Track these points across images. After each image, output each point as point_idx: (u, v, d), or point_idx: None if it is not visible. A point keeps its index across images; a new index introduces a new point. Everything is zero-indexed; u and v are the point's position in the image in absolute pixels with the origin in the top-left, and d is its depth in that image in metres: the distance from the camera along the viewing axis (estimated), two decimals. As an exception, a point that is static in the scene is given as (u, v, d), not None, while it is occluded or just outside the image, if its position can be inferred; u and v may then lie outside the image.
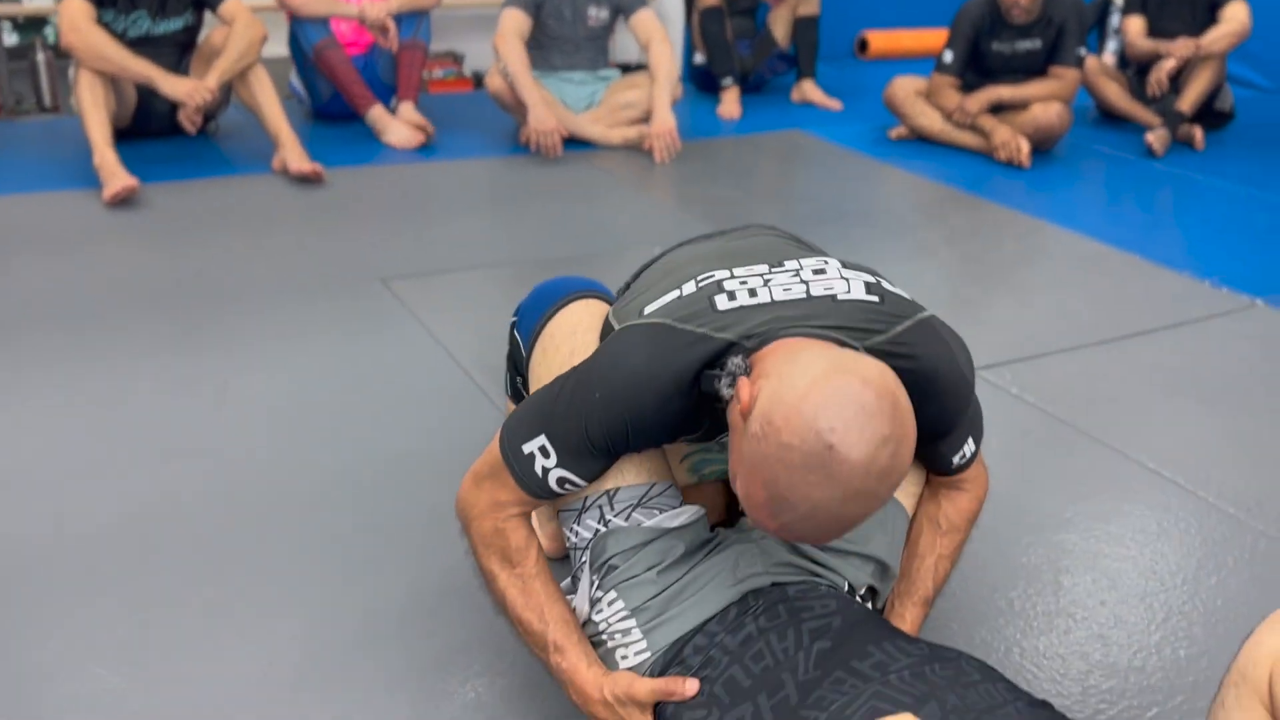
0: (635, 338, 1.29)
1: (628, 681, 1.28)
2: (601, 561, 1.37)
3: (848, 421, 1.06)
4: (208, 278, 2.87)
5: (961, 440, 1.44)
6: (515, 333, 1.70)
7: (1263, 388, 2.56)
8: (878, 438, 1.07)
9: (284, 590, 1.71)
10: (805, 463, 1.06)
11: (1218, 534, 2.00)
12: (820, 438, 1.06)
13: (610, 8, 4.27)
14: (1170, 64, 4.64)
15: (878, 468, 1.07)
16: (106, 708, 1.47)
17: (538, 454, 1.29)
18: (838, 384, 1.08)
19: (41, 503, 1.90)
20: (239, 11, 3.73)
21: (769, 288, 1.31)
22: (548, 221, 3.48)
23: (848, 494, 1.07)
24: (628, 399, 1.25)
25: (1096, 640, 1.71)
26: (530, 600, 1.35)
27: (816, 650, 1.23)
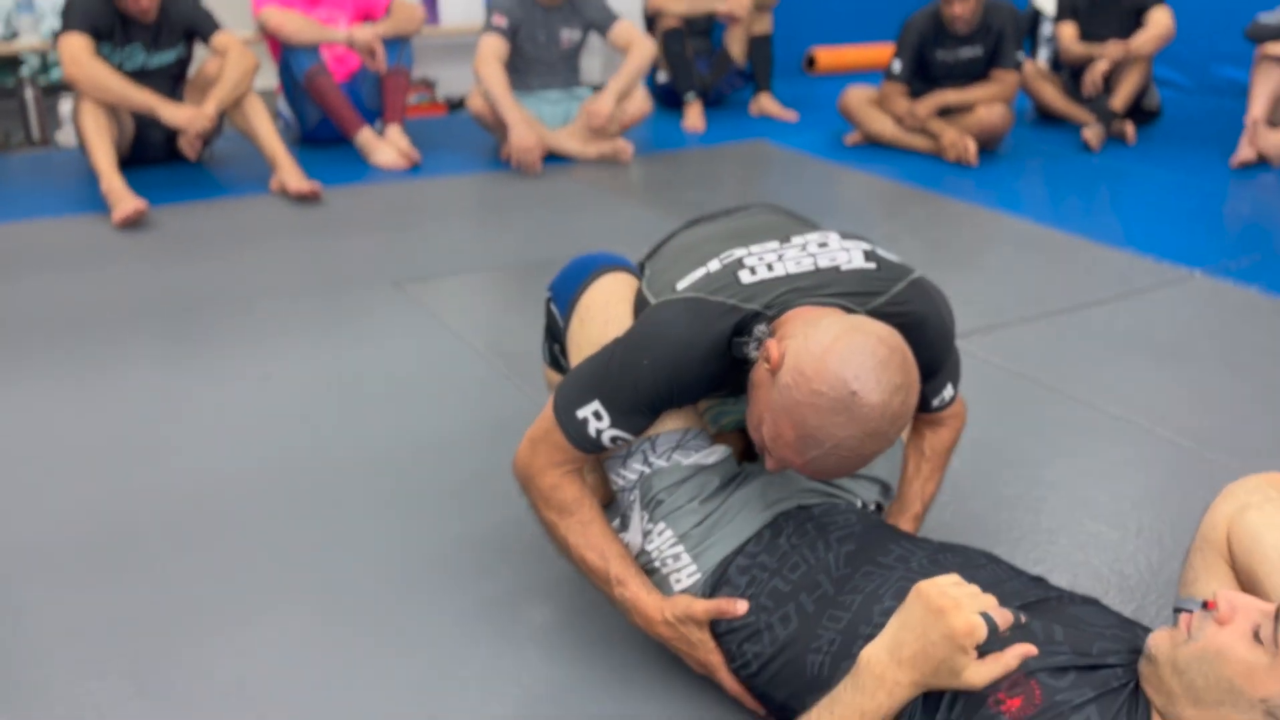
0: (676, 310, 1.49)
1: (686, 603, 1.48)
2: (650, 497, 1.56)
3: (868, 371, 1.25)
4: (231, 286, 3.05)
5: (942, 384, 1.67)
6: (552, 306, 1.85)
7: (1205, 343, 2.84)
8: (892, 385, 1.26)
9: (361, 545, 1.91)
10: (833, 406, 1.26)
11: (1176, 463, 2.26)
12: (846, 384, 1.25)
13: (582, 27, 4.52)
14: (1103, 65, 4.99)
15: (892, 411, 1.27)
16: (220, 629, 1.65)
17: (591, 418, 1.48)
18: (857, 341, 1.28)
19: (134, 471, 2.08)
20: (231, 43, 3.92)
21: (783, 262, 1.52)
22: (534, 229, 3.69)
23: (866, 433, 1.27)
24: (673, 362, 1.45)
25: (1078, 551, 1.95)
26: (590, 542, 1.54)
27: (844, 552, 1.44)
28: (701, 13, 5.30)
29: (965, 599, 1.14)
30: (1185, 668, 1.10)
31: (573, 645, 1.67)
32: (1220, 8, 6.16)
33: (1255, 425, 2.41)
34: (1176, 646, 1.12)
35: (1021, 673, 1.15)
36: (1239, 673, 1.06)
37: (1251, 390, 2.58)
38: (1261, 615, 1.08)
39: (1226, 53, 6.15)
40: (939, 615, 1.13)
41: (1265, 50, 4.69)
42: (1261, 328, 2.94)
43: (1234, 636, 1.08)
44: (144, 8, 3.73)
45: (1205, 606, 1.12)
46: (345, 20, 4.43)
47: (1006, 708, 1.12)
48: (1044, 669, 1.16)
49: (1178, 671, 1.11)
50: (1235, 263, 3.43)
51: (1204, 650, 1.09)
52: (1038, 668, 1.16)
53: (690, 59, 5.32)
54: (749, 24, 5.36)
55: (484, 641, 1.67)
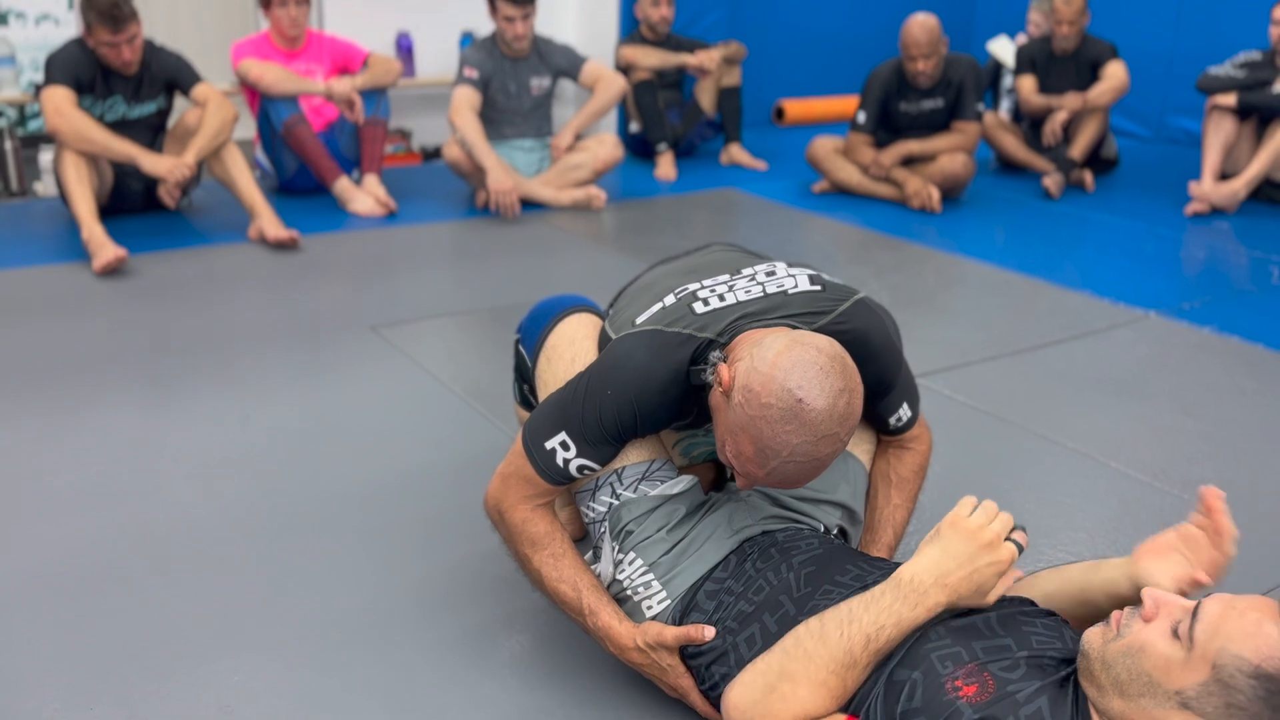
0: (635, 342, 1.58)
1: (657, 630, 1.54)
2: (619, 528, 1.63)
3: (810, 380, 1.35)
4: (210, 331, 3.10)
5: (897, 404, 1.75)
6: (519, 347, 1.93)
7: (1159, 381, 2.94)
8: (835, 389, 1.36)
9: (341, 578, 1.95)
10: (782, 416, 1.35)
11: (1131, 495, 2.34)
12: (791, 394, 1.34)
13: (551, 75, 4.65)
14: (1062, 116, 5.16)
15: (838, 413, 1.36)
16: (202, 658, 1.69)
17: (559, 448, 1.56)
18: (797, 353, 1.37)
19: (118, 511, 2.11)
20: (211, 94, 4.00)
21: (734, 292, 1.62)
22: (510, 273, 3.77)
23: (817, 436, 1.36)
24: (635, 392, 1.53)
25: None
26: (562, 575, 1.60)
27: (805, 574, 1.51)
28: (673, 66, 5.45)
29: (998, 528, 1.33)
30: (1112, 662, 1.17)
31: (548, 673, 1.71)
32: (1174, 61, 6.39)
33: (1207, 460, 2.50)
34: (1106, 642, 1.19)
35: (976, 664, 1.23)
36: (1157, 666, 1.14)
37: (1203, 426, 2.67)
38: (1182, 612, 1.16)
39: (1180, 104, 6.36)
40: (987, 549, 1.31)
41: (1215, 101, 4.87)
42: (1214, 366, 3.05)
43: (1156, 633, 1.16)
44: (126, 60, 3.81)
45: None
46: (323, 73, 4.52)
47: (964, 694, 1.19)
48: (995, 662, 1.23)
49: (1105, 665, 1.18)
50: (1189, 304, 3.55)
51: (1129, 645, 1.17)
52: (989, 660, 1.23)
53: (662, 110, 5.45)
54: (719, 77, 5.51)
55: (462, 670, 1.72)
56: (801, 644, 1.32)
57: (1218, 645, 1.11)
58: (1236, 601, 1.14)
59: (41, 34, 5.17)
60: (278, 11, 4.39)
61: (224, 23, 5.90)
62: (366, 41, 4.84)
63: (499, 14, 4.43)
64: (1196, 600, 1.17)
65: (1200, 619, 1.13)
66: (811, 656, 1.30)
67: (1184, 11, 6.42)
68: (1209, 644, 1.11)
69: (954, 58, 4.79)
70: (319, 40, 4.60)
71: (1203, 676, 1.11)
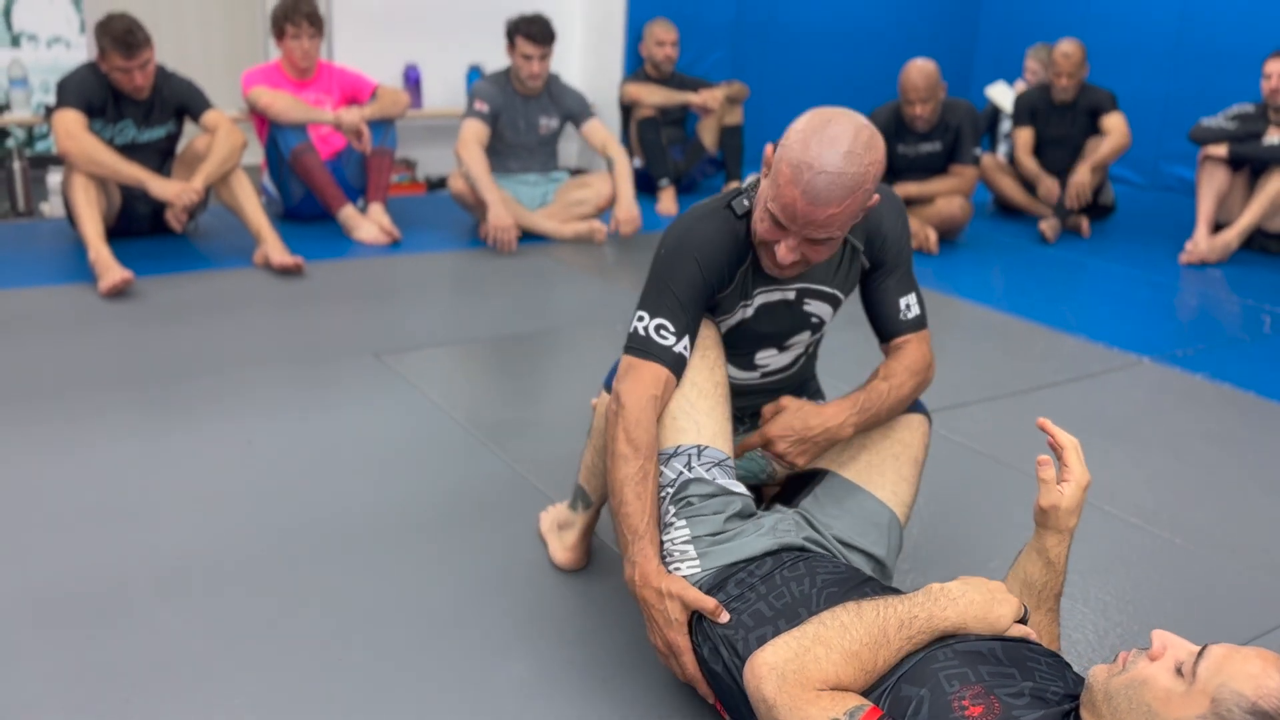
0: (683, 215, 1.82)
1: (682, 584, 1.61)
2: (683, 496, 1.70)
3: (836, 113, 1.61)
4: (215, 355, 3.13)
5: (907, 286, 1.92)
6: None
7: (1153, 426, 2.98)
8: (857, 122, 1.59)
9: (342, 604, 1.97)
10: (813, 134, 1.58)
11: (1122, 539, 2.37)
12: (821, 117, 1.60)
13: (560, 117, 4.71)
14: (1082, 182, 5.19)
15: (861, 140, 1.59)
16: (212, 679, 1.71)
17: (637, 323, 1.76)
18: (824, 108, 1.63)
19: (120, 533, 2.13)
20: (221, 120, 4.05)
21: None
22: (511, 304, 3.81)
23: (843, 153, 1.57)
24: (694, 236, 1.76)
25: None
26: (642, 491, 1.67)
27: (826, 594, 1.56)
28: (676, 104, 5.52)
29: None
30: (1114, 694, 1.22)
31: (547, 702, 1.73)
32: (1169, 110, 6.48)
33: (1198, 504, 2.53)
34: (1111, 676, 1.24)
35: (983, 686, 1.27)
36: (1158, 698, 1.19)
37: (1195, 471, 2.71)
38: (1187, 653, 1.21)
39: (1175, 152, 6.45)
40: (1006, 601, 1.44)
41: (1208, 152, 4.94)
42: (1206, 412, 3.09)
43: (1160, 669, 1.21)
44: (138, 85, 3.86)
45: None
46: (332, 104, 4.58)
47: (970, 714, 1.23)
48: (1001, 687, 1.28)
49: (1108, 697, 1.23)
50: (1183, 351, 3.60)
51: (1132, 679, 1.22)
52: (995, 685, 1.27)
53: (664, 147, 5.52)
54: (721, 115, 5.59)
55: (461, 699, 1.73)
56: (838, 617, 1.40)
57: (1219, 681, 1.16)
58: (1240, 649, 1.20)
59: (53, 56, 5.24)
60: (290, 43, 4.46)
61: (233, 49, 5.97)
62: (375, 73, 4.91)
63: (517, 51, 4.49)
64: (1204, 645, 1.22)
65: (1205, 658, 1.19)
66: (847, 628, 1.37)
67: (1179, 61, 6.54)
68: (1211, 680, 1.17)
69: (952, 102, 4.87)
70: (329, 71, 4.67)
71: (1201, 710, 1.16)
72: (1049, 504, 1.56)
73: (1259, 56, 4.99)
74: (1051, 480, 1.56)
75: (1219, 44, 6.31)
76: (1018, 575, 1.62)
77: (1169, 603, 2.13)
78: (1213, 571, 2.25)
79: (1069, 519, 1.56)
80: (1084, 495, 1.58)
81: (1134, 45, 6.68)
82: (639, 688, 1.76)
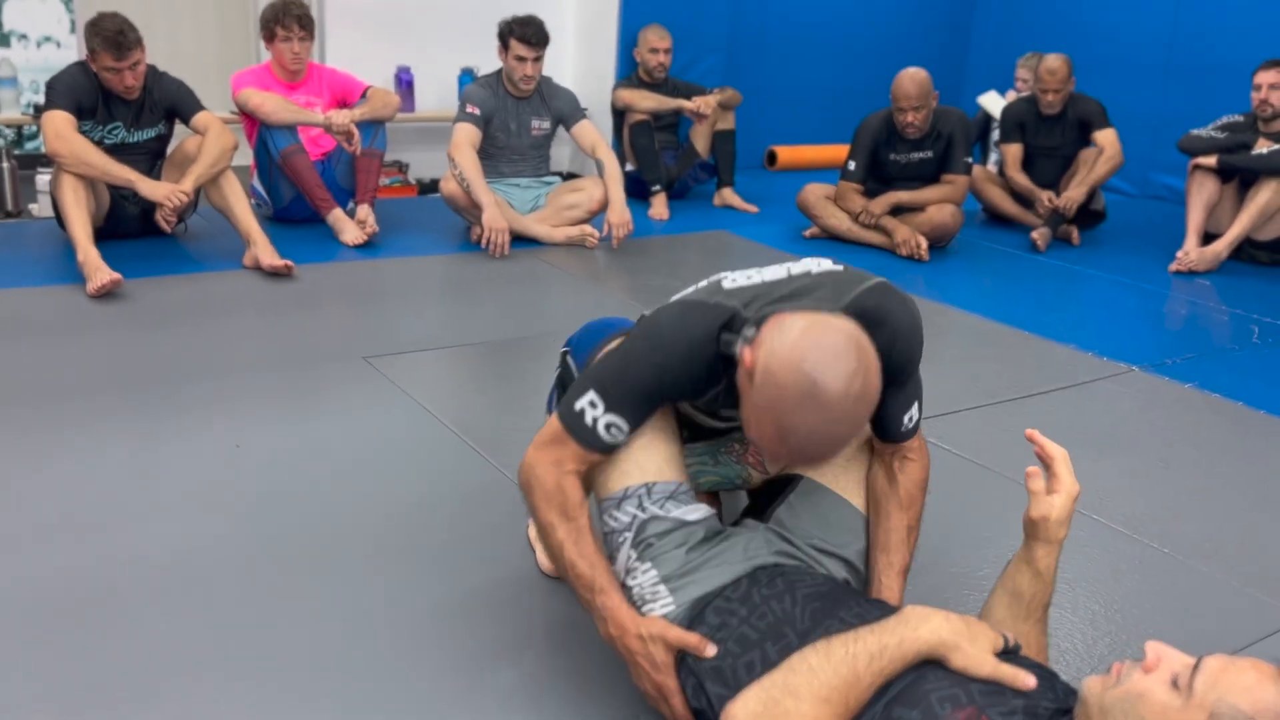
0: (666, 309, 1.67)
1: (661, 625, 1.57)
2: (641, 539, 1.66)
3: (825, 363, 1.40)
4: (204, 358, 3.11)
5: (912, 399, 1.78)
6: (569, 359, 1.99)
7: (1142, 435, 2.98)
8: (849, 370, 1.40)
9: (331, 610, 1.96)
10: (798, 398, 1.40)
11: (1112, 547, 2.37)
12: (807, 376, 1.39)
13: (552, 119, 4.71)
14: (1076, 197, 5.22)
15: (854, 394, 1.41)
16: (189, 688, 1.70)
17: (588, 408, 1.60)
18: (814, 336, 1.42)
19: (108, 537, 2.12)
20: (211, 122, 4.03)
21: (761, 274, 1.68)
22: (502, 308, 3.81)
23: (833, 416, 1.41)
24: (665, 347, 1.60)
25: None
26: (583, 550, 1.63)
27: (810, 609, 1.54)
28: (669, 109, 5.52)
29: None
30: (1110, 708, 1.21)
31: (538, 708, 1.72)
32: (1159, 120, 6.51)
33: (1187, 514, 2.54)
34: (1105, 690, 1.23)
35: (974, 707, 1.26)
36: (1154, 712, 1.18)
37: (1184, 480, 2.71)
38: (1182, 666, 1.20)
39: (1166, 162, 6.48)
40: (983, 634, 1.37)
41: (1197, 162, 4.96)
42: (1195, 422, 3.09)
43: (1155, 682, 1.20)
44: (129, 86, 3.84)
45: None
46: (323, 106, 4.57)
47: None
48: (993, 706, 1.27)
49: (1103, 711, 1.22)
50: (1172, 360, 3.61)
51: (1128, 693, 1.21)
52: (986, 705, 1.26)
53: (657, 152, 5.52)
54: (714, 121, 5.59)
55: (450, 704, 1.73)
56: (806, 659, 1.35)
57: (1215, 695, 1.15)
58: (1237, 660, 1.19)
59: (43, 56, 5.22)
60: (281, 45, 4.44)
61: (225, 50, 5.97)
62: (367, 75, 4.89)
63: (510, 53, 4.49)
64: (1199, 657, 1.21)
65: (1201, 671, 1.18)
66: (815, 671, 1.33)
67: (1170, 72, 6.57)
68: (1207, 694, 1.15)
69: (944, 110, 4.88)
70: (319, 73, 4.66)
71: None
72: (1039, 515, 1.55)
73: (1249, 67, 5.01)
74: (1041, 491, 1.56)
75: (1210, 55, 6.34)
76: (1006, 586, 1.61)
77: (1158, 612, 2.13)
78: (1202, 581, 2.25)
79: (1059, 530, 1.55)
80: (1074, 506, 1.57)
81: (1125, 56, 6.70)
82: (625, 697, 1.75)
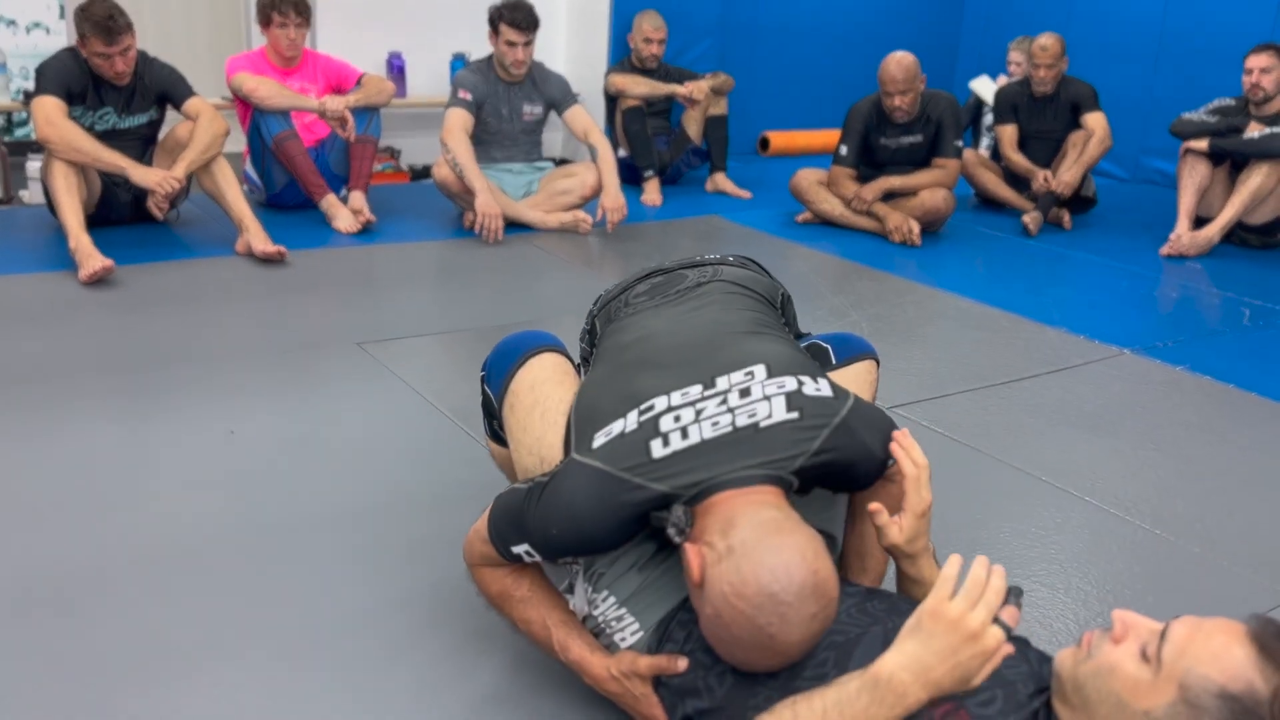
0: (582, 482, 1.50)
1: (630, 659, 1.55)
2: (592, 571, 1.65)
3: (782, 616, 1.30)
4: (196, 344, 3.11)
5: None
6: (485, 386, 1.93)
7: (1132, 417, 3.00)
8: (806, 617, 1.31)
9: (322, 596, 1.97)
10: (755, 646, 1.33)
11: (1103, 528, 2.39)
12: (762, 630, 1.31)
13: (544, 104, 4.70)
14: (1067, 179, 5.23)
15: (811, 634, 1.33)
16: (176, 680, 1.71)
17: (524, 555, 1.56)
18: (768, 574, 1.30)
19: (100, 523, 2.12)
20: (203, 108, 4.02)
21: (699, 424, 1.51)
22: (495, 294, 3.81)
23: (791, 655, 1.35)
24: (580, 536, 1.51)
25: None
26: (531, 616, 1.64)
27: None
28: (661, 95, 5.52)
29: (984, 615, 1.24)
30: (1083, 683, 1.21)
31: (529, 692, 1.74)
32: (1150, 104, 6.52)
33: (1177, 495, 2.55)
34: (1077, 664, 1.22)
35: (953, 703, 1.25)
36: (1126, 687, 1.17)
37: (1174, 462, 2.73)
38: (1150, 634, 1.19)
39: (1157, 146, 6.49)
40: (971, 639, 1.23)
41: (1189, 146, 4.97)
42: (1185, 404, 3.11)
43: (1125, 654, 1.19)
44: (119, 71, 3.83)
45: None
46: (317, 92, 4.55)
47: None
48: (972, 697, 1.26)
49: (1077, 687, 1.21)
50: (1163, 343, 3.62)
51: (1098, 666, 1.20)
52: (965, 696, 1.25)
53: (649, 137, 5.51)
54: (706, 106, 5.58)
55: (441, 688, 1.74)
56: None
57: (1184, 666, 1.14)
58: (1204, 624, 1.17)
59: (32, 42, 5.19)
60: (276, 32, 4.43)
61: (216, 35, 5.94)
62: (358, 61, 4.88)
63: (501, 38, 4.48)
64: (1165, 623, 1.20)
65: (1168, 640, 1.16)
66: None
67: (1161, 56, 6.57)
68: (1176, 664, 1.14)
69: (933, 95, 4.88)
70: (314, 59, 4.64)
71: (1170, 697, 1.14)
72: (888, 544, 1.56)
73: (1241, 51, 5.01)
74: (885, 524, 1.54)
75: (1201, 38, 6.34)
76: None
77: (1148, 593, 2.14)
78: (1192, 562, 2.27)
79: (914, 547, 1.55)
80: (925, 521, 1.56)
81: (1117, 39, 6.71)
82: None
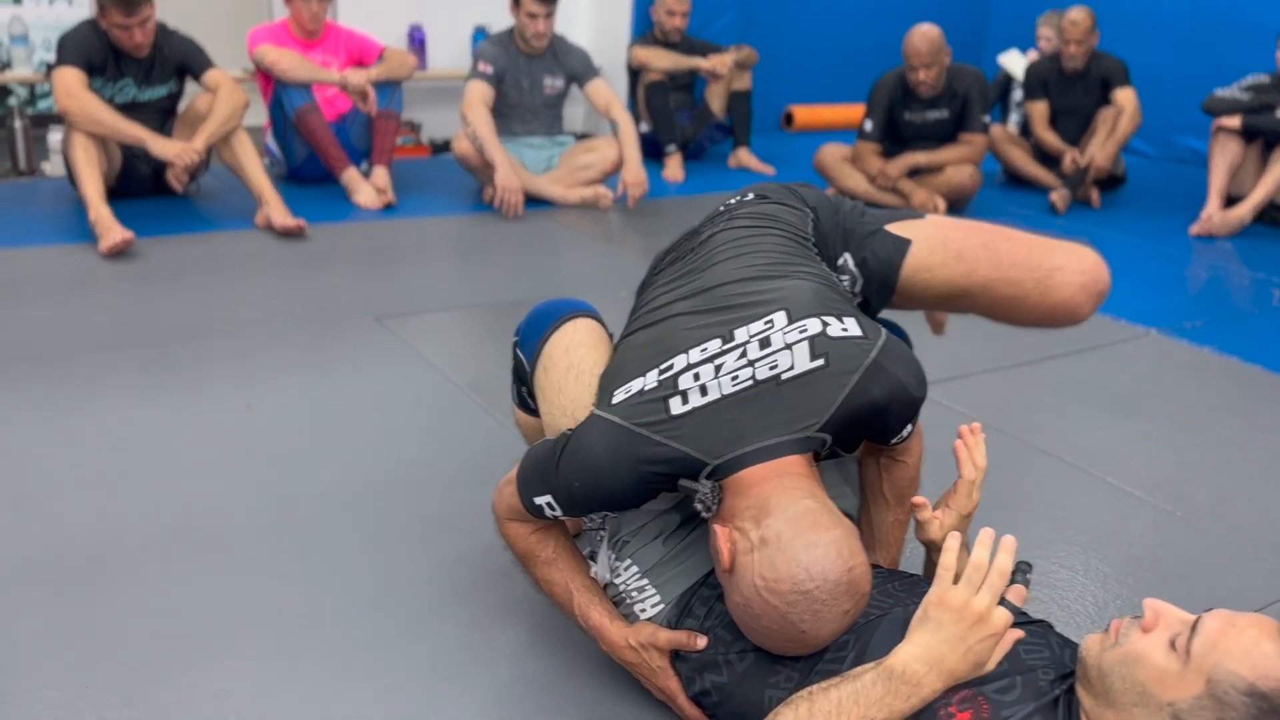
0: (597, 437, 1.49)
1: (650, 631, 1.55)
2: (616, 538, 1.64)
3: (816, 613, 1.30)
4: (215, 318, 3.12)
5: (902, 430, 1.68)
6: (518, 351, 1.89)
7: (1158, 399, 2.95)
8: (839, 614, 1.32)
9: (341, 569, 1.97)
10: (784, 638, 1.34)
11: (1126, 510, 2.35)
12: (794, 626, 1.31)
13: (565, 77, 4.66)
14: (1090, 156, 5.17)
15: (842, 628, 1.34)
16: (201, 654, 1.71)
17: (546, 506, 1.55)
18: (802, 582, 1.29)
19: (119, 497, 2.13)
20: (223, 80, 4.01)
21: (719, 380, 1.47)
22: (515, 269, 3.79)
23: (820, 646, 1.37)
24: (598, 488, 1.49)
25: (1031, 589, 2.03)
26: (555, 578, 1.63)
27: None
28: (685, 69, 5.47)
29: (988, 598, 1.25)
30: (1108, 670, 1.18)
31: (546, 664, 1.73)
32: (1181, 81, 6.41)
33: (1202, 477, 2.51)
34: (1104, 650, 1.20)
35: (970, 689, 1.23)
36: (1152, 677, 1.14)
37: (1200, 444, 2.68)
38: (1181, 625, 1.16)
39: (1187, 124, 6.38)
40: (979, 624, 1.24)
41: (1220, 123, 4.88)
42: (1212, 385, 3.06)
43: (1153, 643, 1.16)
44: (138, 43, 3.82)
45: None
46: (339, 65, 4.53)
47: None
48: (989, 683, 1.24)
49: (1101, 674, 1.19)
50: (1190, 323, 3.57)
51: (1125, 655, 1.17)
52: (982, 683, 1.23)
53: (672, 112, 5.47)
54: (730, 81, 5.53)
55: (460, 662, 1.73)
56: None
57: (1214, 660, 1.11)
58: (1236, 619, 1.14)
59: (54, 14, 5.20)
60: (299, 4, 4.41)
61: (235, 8, 5.92)
62: (379, 34, 4.86)
63: (521, 10, 4.44)
64: (1197, 615, 1.17)
65: (1199, 633, 1.14)
66: None
67: (1191, 32, 6.45)
68: (1205, 658, 1.12)
69: (959, 69, 4.81)
70: (336, 32, 4.62)
71: (1197, 690, 1.11)
72: (924, 539, 1.57)
73: (1273, 27, 4.92)
74: (927, 520, 1.56)
75: (1233, 14, 6.22)
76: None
77: (1170, 576, 2.11)
78: (1215, 545, 2.23)
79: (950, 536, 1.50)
80: (968, 520, 1.59)
81: (1148, 15, 6.59)
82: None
